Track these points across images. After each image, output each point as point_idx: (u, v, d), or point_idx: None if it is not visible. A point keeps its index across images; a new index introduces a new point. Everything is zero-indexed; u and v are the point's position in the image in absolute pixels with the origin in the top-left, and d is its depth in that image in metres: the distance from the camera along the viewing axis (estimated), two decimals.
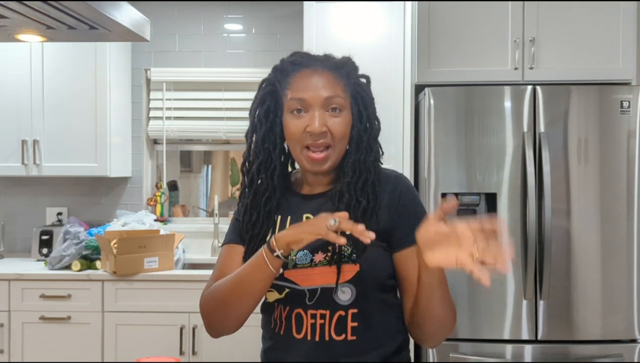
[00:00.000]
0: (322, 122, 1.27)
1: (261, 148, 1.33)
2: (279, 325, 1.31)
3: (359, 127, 1.32)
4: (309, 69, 1.31)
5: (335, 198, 1.31)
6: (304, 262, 1.28)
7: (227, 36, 3.64)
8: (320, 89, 1.29)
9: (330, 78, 1.30)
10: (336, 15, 2.91)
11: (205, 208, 3.99)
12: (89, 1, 1.41)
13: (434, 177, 2.66)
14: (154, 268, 3.04)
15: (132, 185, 3.67)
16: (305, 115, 1.29)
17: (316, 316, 1.27)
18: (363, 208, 1.28)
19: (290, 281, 1.29)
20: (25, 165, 3.33)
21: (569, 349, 2.60)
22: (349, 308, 1.27)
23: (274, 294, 1.32)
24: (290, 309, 1.29)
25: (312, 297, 1.28)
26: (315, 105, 1.28)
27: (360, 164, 1.30)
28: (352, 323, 1.27)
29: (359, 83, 1.35)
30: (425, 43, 2.90)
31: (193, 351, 2.98)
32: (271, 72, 1.37)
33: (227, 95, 3.65)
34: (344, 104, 1.30)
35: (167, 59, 3.64)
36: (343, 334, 1.27)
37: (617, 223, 2.62)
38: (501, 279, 2.62)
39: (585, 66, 2.85)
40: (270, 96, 1.34)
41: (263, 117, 1.34)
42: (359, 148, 1.31)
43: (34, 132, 3.32)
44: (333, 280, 1.25)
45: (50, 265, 3.10)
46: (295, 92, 1.30)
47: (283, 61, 1.36)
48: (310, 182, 1.38)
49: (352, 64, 1.36)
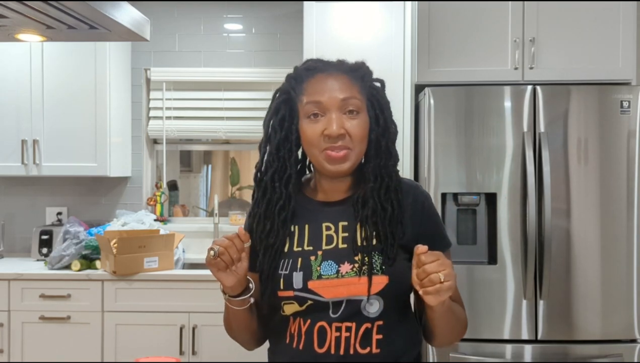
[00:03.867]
0: (339, 124, 1.25)
1: (275, 157, 1.30)
2: (297, 340, 1.27)
3: (377, 130, 1.30)
4: (323, 73, 1.30)
5: (357, 205, 1.28)
6: (329, 273, 1.25)
7: (227, 36, 3.64)
8: (336, 91, 1.27)
9: (346, 80, 1.29)
10: (336, 15, 2.91)
11: (205, 208, 3.99)
12: (89, 1, 1.41)
13: (434, 177, 2.66)
14: (154, 268, 3.04)
15: (132, 185, 3.67)
16: (322, 118, 1.26)
17: (341, 329, 1.23)
18: (389, 215, 1.26)
19: (314, 292, 1.24)
20: (25, 165, 3.33)
21: (568, 349, 2.60)
22: (375, 320, 1.24)
23: (294, 306, 1.27)
24: (311, 322, 1.25)
25: (336, 309, 1.24)
26: (332, 107, 1.26)
27: (381, 169, 1.28)
28: (377, 335, 1.24)
29: (374, 87, 1.34)
30: (425, 43, 2.89)
31: (193, 351, 2.98)
32: (285, 81, 1.35)
33: (227, 95, 3.65)
34: (360, 106, 1.28)
35: (167, 58, 3.64)
36: (368, 347, 1.24)
37: (617, 223, 2.62)
38: (501, 279, 2.62)
39: (585, 66, 2.85)
40: (284, 105, 1.32)
41: (278, 125, 1.31)
42: (379, 152, 1.29)
43: (34, 132, 3.32)
44: (360, 292, 1.22)
45: (50, 265, 3.10)
46: (311, 96, 1.28)
47: (297, 69, 1.35)
48: (327, 189, 1.34)
49: (366, 67, 1.35)
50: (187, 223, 3.69)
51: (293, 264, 1.27)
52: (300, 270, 1.26)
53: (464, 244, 2.69)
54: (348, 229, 1.28)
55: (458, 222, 2.69)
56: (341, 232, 1.29)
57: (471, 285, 2.63)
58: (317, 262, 1.25)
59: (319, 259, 1.26)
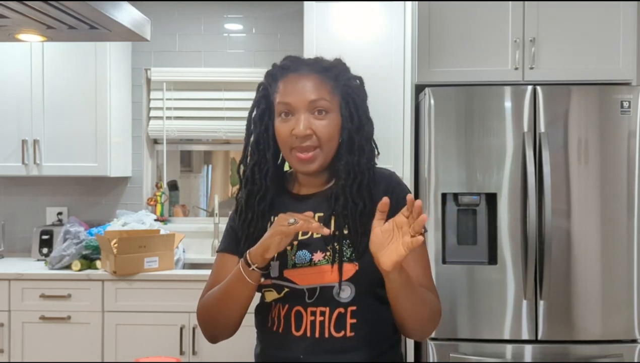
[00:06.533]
0: (306, 125, 1.30)
1: (256, 149, 1.37)
2: (277, 324, 1.33)
3: (350, 128, 1.33)
4: (295, 73, 1.35)
5: (331, 200, 1.33)
6: (303, 262, 1.31)
7: (227, 36, 3.64)
8: (306, 92, 1.31)
9: (317, 81, 1.33)
10: (336, 15, 2.91)
11: (206, 208, 3.99)
12: (89, 1, 1.41)
13: (434, 177, 2.66)
14: (154, 268, 3.04)
15: (132, 185, 3.67)
16: (292, 118, 1.32)
17: (316, 313, 1.29)
18: (360, 210, 1.30)
19: (289, 280, 1.30)
20: (26, 165, 3.33)
21: (569, 349, 2.60)
22: (348, 305, 1.29)
23: (273, 294, 1.33)
24: (289, 307, 1.31)
25: (311, 295, 1.30)
26: (301, 108, 1.31)
27: (354, 166, 1.32)
28: (351, 320, 1.29)
29: (349, 84, 1.36)
30: (426, 43, 2.89)
31: (193, 351, 2.98)
32: (264, 77, 1.41)
33: (227, 95, 3.65)
34: (330, 107, 1.32)
35: (167, 58, 3.64)
36: (342, 331, 1.29)
37: (617, 224, 2.62)
38: (501, 279, 2.62)
39: (586, 66, 2.85)
40: (264, 100, 1.39)
41: (258, 119, 1.38)
42: (351, 149, 1.33)
43: (34, 132, 3.32)
44: (332, 279, 1.28)
45: (50, 265, 3.10)
46: (282, 96, 1.33)
47: (274, 66, 1.40)
48: (303, 183, 1.40)
49: (341, 65, 1.39)
50: (187, 224, 3.69)
51: None
52: (277, 259, 1.31)
53: (464, 244, 2.69)
54: (323, 220, 1.32)
55: (458, 222, 2.69)
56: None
57: (471, 285, 2.63)
58: (293, 251, 1.31)
59: (295, 249, 1.31)
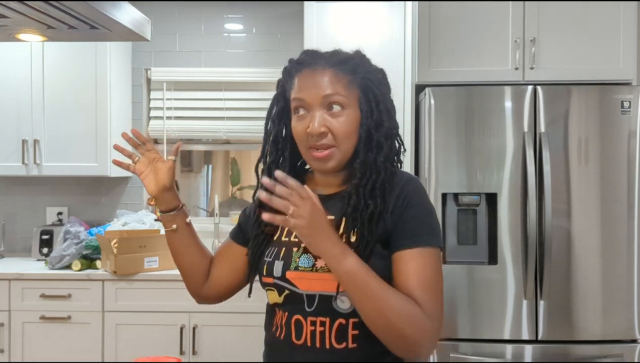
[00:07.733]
0: (321, 123, 1.24)
1: (273, 148, 1.34)
2: (280, 330, 1.30)
3: (369, 124, 1.26)
4: (310, 68, 1.28)
5: (344, 200, 1.26)
6: (305, 266, 1.25)
7: (227, 36, 3.64)
8: (319, 87, 1.25)
9: (332, 75, 1.26)
10: (336, 15, 2.91)
11: (206, 208, 3.99)
12: (89, 1, 1.41)
13: (434, 177, 2.66)
14: (154, 268, 3.04)
15: (132, 185, 3.67)
16: (307, 115, 1.26)
17: (316, 323, 1.24)
18: (370, 212, 1.22)
19: (291, 283, 1.26)
20: (26, 165, 3.33)
21: (569, 349, 2.60)
22: (349, 317, 1.23)
23: (274, 295, 1.30)
24: (289, 315, 1.27)
25: (310, 303, 1.24)
26: (315, 104, 1.25)
27: (370, 164, 1.25)
28: (353, 331, 1.23)
29: (369, 77, 1.29)
30: (426, 43, 2.89)
31: (193, 351, 2.98)
32: (281, 73, 1.36)
33: (227, 95, 3.65)
34: (346, 102, 1.25)
35: (168, 58, 3.64)
36: (344, 342, 1.23)
37: (618, 224, 2.62)
38: (501, 279, 2.62)
39: (586, 66, 2.85)
40: (281, 97, 1.34)
41: (276, 118, 1.35)
42: (369, 146, 1.26)
43: (35, 132, 3.32)
44: (332, 288, 1.21)
45: (50, 265, 3.10)
46: (296, 93, 1.28)
47: (290, 61, 1.34)
48: (321, 183, 1.35)
49: (360, 57, 1.32)
50: None
51: (277, 253, 1.30)
52: (282, 259, 1.28)
53: (465, 244, 2.69)
54: (333, 224, 1.24)
55: (458, 222, 2.69)
56: None
57: (471, 285, 2.63)
58: (298, 253, 1.26)
59: (300, 251, 1.27)
